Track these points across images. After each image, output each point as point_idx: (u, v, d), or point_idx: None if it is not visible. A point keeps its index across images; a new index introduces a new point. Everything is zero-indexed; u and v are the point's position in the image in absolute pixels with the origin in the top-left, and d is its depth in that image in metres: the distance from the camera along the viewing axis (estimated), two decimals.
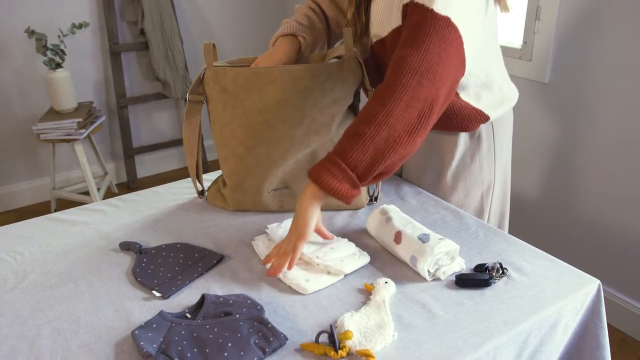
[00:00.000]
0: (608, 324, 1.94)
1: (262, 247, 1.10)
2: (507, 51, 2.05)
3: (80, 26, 2.54)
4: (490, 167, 1.30)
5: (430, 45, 0.96)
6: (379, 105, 0.95)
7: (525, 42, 1.97)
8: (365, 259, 1.05)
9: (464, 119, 1.20)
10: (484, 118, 1.22)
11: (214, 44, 1.20)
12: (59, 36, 2.56)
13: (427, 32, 0.97)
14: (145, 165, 3.21)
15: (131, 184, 3.08)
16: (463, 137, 1.25)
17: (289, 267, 0.99)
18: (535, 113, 2.02)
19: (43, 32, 2.51)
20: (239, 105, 1.17)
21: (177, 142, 3.23)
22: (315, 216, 0.99)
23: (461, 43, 1.00)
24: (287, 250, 0.99)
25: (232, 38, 3.23)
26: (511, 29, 2.10)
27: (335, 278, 1.00)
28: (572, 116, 1.91)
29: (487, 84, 1.20)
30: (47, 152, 2.90)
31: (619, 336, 1.90)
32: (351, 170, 0.94)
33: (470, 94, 1.19)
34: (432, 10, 0.97)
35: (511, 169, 2.11)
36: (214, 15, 3.16)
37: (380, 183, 1.28)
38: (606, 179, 1.85)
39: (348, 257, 1.04)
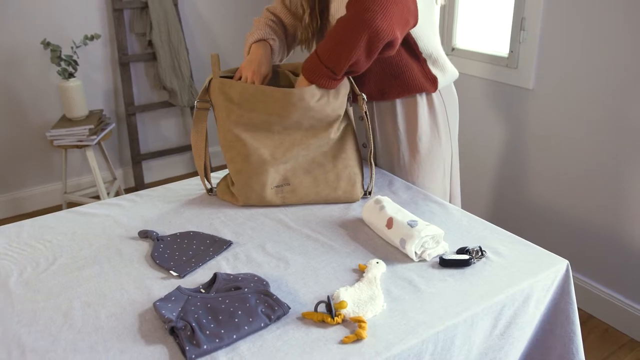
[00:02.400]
0: (592, 316, 2.06)
1: None
2: (494, 59, 2.18)
3: (92, 38, 2.68)
4: (447, 143, 1.52)
5: None
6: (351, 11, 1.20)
7: (512, 51, 2.10)
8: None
9: (422, 80, 1.43)
10: (435, 81, 1.45)
11: (218, 55, 1.33)
12: (72, 47, 2.70)
13: None
14: (152, 171, 3.33)
15: (139, 189, 3.20)
16: (421, 107, 1.46)
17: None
18: (521, 116, 2.15)
19: (57, 44, 2.65)
20: (244, 115, 1.30)
21: (183, 149, 3.36)
22: None
23: None
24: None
25: (235, 48, 3.38)
26: (498, 38, 2.23)
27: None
28: (555, 119, 2.03)
29: (436, 50, 1.44)
30: (58, 158, 3.03)
31: (602, 327, 2.02)
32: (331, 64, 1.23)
33: (429, 58, 1.43)
34: None
35: (502, 170, 2.25)
36: (218, 27, 3.31)
37: (374, 178, 1.40)
38: (586, 178, 1.97)
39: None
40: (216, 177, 1.54)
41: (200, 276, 1.10)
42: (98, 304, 1.02)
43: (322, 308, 0.96)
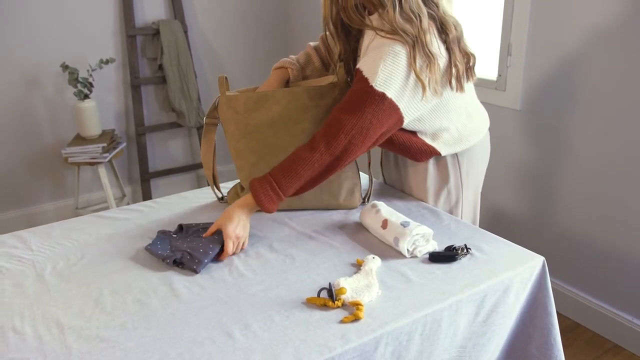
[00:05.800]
0: (579, 324, 2.17)
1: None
2: (484, 83, 2.34)
3: (107, 62, 2.85)
4: (458, 189, 1.51)
5: (365, 114, 1.23)
6: (315, 153, 1.25)
7: (500, 75, 2.26)
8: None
9: (415, 152, 1.43)
10: (435, 153, 1.43)
11: (226, 77, 1.48)
12: (88, 70, 2.86)
13: (364, 103, 1.23)
14: (160, 189, 3.47)
15: None
16: (431, 167, 1.48)
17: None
18: (509, 136, 2.30)
19: (75, 67, 2.82)
20: (250, 123, 1.45)
21: (189, 168, 3.50)
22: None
23: (397, 109, 1.25)
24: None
25: (240, 72, 3.55)
26: (487, 63, 2.39)
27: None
28: (541, 138, 2.18)
29: (445, 128, 1.40)
30: (70, 175, 3.17)
31: (588, 334, 2.12)
32: (283, 195, 1.28)
33: (427, 135, 1.40)
34: (371, 86, 1.22)
35: (489, 185, 2.38)
36: (224, 53, 3.49)
37: (371, 188, 1.54)
38: (572, 192, 2.11)
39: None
40: (226, 187, 1.68)
41: (210, 266, 1.23)
42: (124, 291, 1.14)
43: (324, 294, 1.09)
